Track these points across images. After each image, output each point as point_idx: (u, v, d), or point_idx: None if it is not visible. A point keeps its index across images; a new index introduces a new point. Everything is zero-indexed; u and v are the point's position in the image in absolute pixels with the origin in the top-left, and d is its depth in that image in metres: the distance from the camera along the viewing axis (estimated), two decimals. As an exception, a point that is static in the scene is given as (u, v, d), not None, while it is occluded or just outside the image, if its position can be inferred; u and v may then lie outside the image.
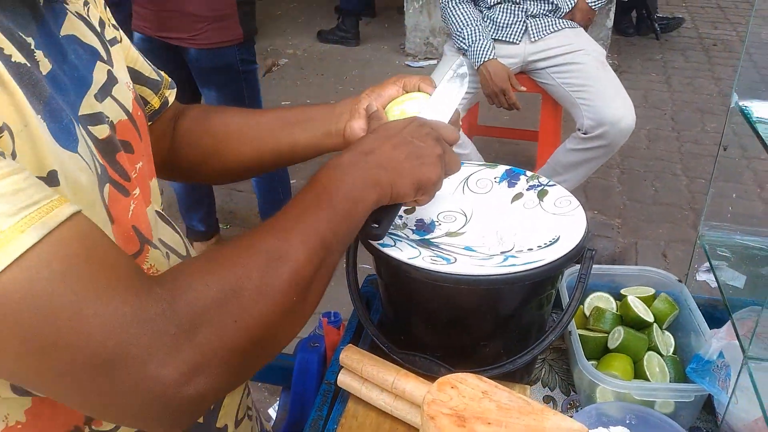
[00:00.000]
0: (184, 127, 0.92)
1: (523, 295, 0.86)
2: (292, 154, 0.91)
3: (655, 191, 3.07)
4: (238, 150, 0.91)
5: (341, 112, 0.89)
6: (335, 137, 0.89)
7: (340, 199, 0.64)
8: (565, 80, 2.46)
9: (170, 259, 0.72)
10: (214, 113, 0.95)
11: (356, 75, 4.48)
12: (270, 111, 0.95)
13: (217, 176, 0.98)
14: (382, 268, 0.91)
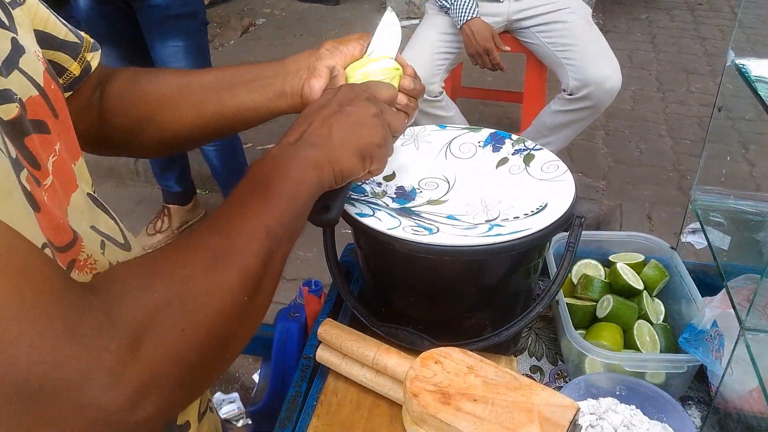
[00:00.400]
0: (113, 93, 0.81)
1: (509, 265, 0.82)
2: (238, 119, 0.82)
3: (640, 153, 3.04)
4: (177, 116, 0.81)
5: (296, 68, 0.81)
6: (291, 97, 0.80)
7: (279, 185, 0.59)
8: (550, 39, 2.39)
9: (106, 248, 0.66)
10: (147, 75, 0.84)
11: (336, 35, 4.32)
12: (212, 70, 0.85)
13: (154, 148, 0.87)
14: (361, 238, 0.86)
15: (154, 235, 2.56)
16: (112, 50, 2.11)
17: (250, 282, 0.52)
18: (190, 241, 0.52)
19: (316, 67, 0.80)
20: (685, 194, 2.76)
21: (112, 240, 0.71)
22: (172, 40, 2.10)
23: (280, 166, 0.61)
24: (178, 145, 0.88)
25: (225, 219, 0.55)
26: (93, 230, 0.67)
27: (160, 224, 2.57)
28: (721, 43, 4.22)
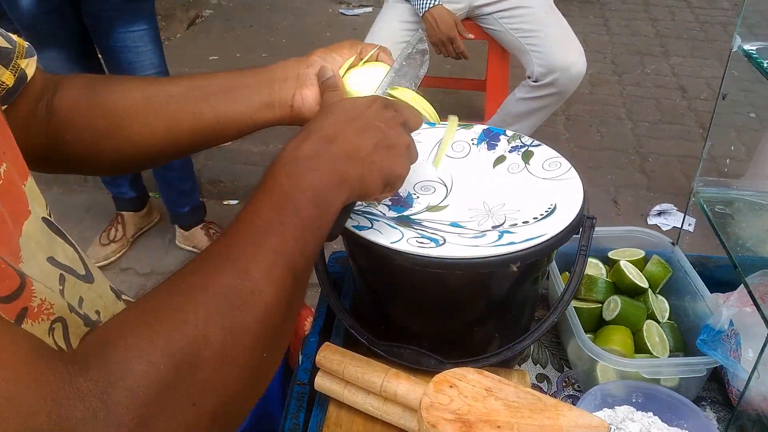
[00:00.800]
0: (65, 105, 0.71)
1: (521, 274, 0.76)
2: (216, 131, 0.72)
3: (601, 137, 3.04)
4: (144, 131, 0.71)
5: (284, 77, 0.73)
6: (279, 108, 0.73)
7: (305, 206, 0.51)
8: (514, 26, 2.34)
9: (66, 284, 0.57)
10: (105, 84, 0.74)
11: (288, 25, 4.23)
12: (182, 78, 0.74)
13: (115, 166, 0.77)
14: (357, 253, 0.79)
15: (108, 245, 2.40)
16: (59, 53, 1.93)
17: (271, 335, 0.44)
18: (195, 282, 0.43)
19: (308, 76, 0.73)
20: (648, 176, 2.78)
21: (72, 272, 0.62)
22: (137, 23, 1.92)
23: (312, 178, 0.53)
24: (144, 163, 0.78)
25: (240, 249, 0.46)
26: (50, 263, 0.58)
27: (113, 233, 2.42)
28: (671, 23, 4.27)
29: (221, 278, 0.44)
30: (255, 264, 0.45)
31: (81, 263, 0.65)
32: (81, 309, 0.62)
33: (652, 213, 2.56)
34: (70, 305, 0.58)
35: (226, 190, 2.74)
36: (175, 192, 2.33)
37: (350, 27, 4.17)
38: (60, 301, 0.56)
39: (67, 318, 0.57)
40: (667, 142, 3.00)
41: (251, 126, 0.73)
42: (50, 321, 0.54)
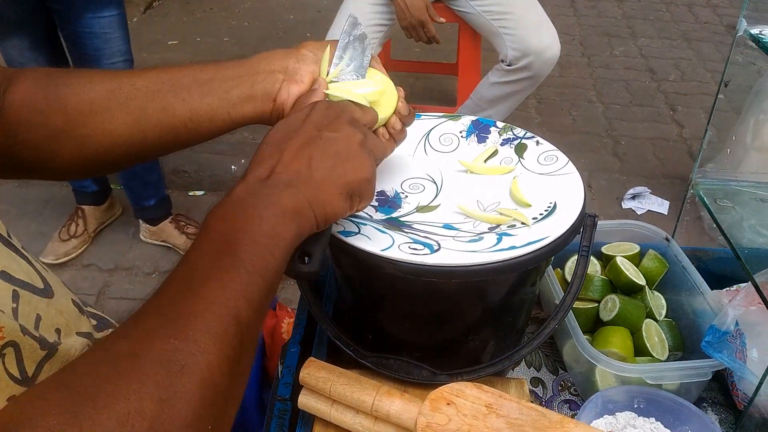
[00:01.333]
0: (18, 101, 0.63)
1: (520, 279, 0.71)
2: (189, 129, 0.64)
3: (573, 120, 3.02)
4: (107, 128, 0.63)
5: (270, 69, 0.65)
6: (261, 101, 0.64)
7: (248, 248, 0.45)
8: (485, 7, 2.28)
9: (21, 301, 0.50)
10: (63, 77, 0.65)
11: (249, 8, 4.10)
12: (150, 70, 0.65)
13: (76, 168, 0.68)
14: (343, 260, 0.73)
15: (68, 241, 2.27)
16: (23, 41, 1.81)
17: (217, 399, 0.38)
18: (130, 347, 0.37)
19: (298, 71, 0.65)
20: (621, 159, 2.77)
21: (27, 287, 0.55)
22: (107, 8, 1.81)
23: (250, 220, 0.47)
24: (105, 166, 0.70)
25: (177, 307, 0.40)
26: (2, 278, 0.51)
27: (74, 228, 2.29)
28: (637, 4, 4.27)
29: (153, 341, 0.38)
30: (192, 318, 0.40)
31: (38, 276, 0.58)
32: (37, 330, 0.55)
33: (627, 196, 2.54)
34: (23, 327, 0.52)
35: (191, 180, 2.63)
36: (140, 184, 2.21)
37: (314, 9, 4.06)
38: (10, 323, 0.50)
39: (19, 341, 0.51)
40: (639, 124, 2.99)
41: (228, 122, 0.65)
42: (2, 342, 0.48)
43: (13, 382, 0.50)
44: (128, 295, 2.15)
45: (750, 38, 0.74)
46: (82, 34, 1.83)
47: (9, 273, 0.53)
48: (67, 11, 1.80)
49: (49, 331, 0.57)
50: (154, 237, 2.33)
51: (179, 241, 2.28)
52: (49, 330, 0.57)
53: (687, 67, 3.50)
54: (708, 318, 0.83)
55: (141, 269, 2.25)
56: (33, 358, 0.53)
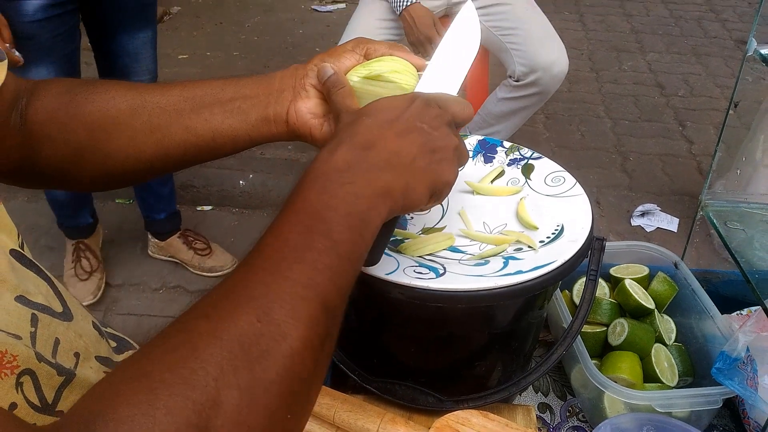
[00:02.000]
0: (41, 115, 0.63)
1: (527, 303, 0.70)
2: (211, 147, 0.64)
3: (582, 136, 3.00)
4: (130, 145, 0.63)
5: (281, 88, 0.64)
6: (275, 124, 0.64)
7: (339, 227, 0.43)
8: (494, 23, 2.28)
9: (39, 326, 0.50)
10: (85, 91, 0.65)
11: (259, 22, 4.12)
12: (173, 86, 0.65)
13: (97, 182, 0.68)
14: (348, 283, 0.72)
15: (89, 278, 2.18)
16: (50, 66, 1.73)
17: (298, 390, 0.37)
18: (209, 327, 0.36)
19: (303, 87, 0.64)
20: (630, 176, 2.75)
21: (47, 311, 0.54)
22: (144, 29, 1.80)
23: (347, 198, 0.45)
24: (129, 179, 0.69)
25: (262, 282, 0.38)
26: (21, 302, 0.51)
27: (87, 263, 2.20)
28: (646, 18, 4.27)
29: (236, 322, 0.36)
30: (278, 301, 0.38)
31: (57, 300, 0.57)
32: (54, 356, 0.54)
33: (636, 213, 2.52)
34: (39, 354, 0.51)
35: (199, 195, 2.64)
36: (153, 197, 2.20)
37: (323, 23, 4.08)
38: (25, 351, 0.49)
39: (35, 369, 0.50)
40: (648, 140, 2.97)
41: (248, 142, 0.64)
42: (16, 375, 0.47)
43: (33, 410, 0.49)
44: (135, 311, 2.14)
45: (760, 58, 0.73)
46: (114, 52, 1.82)
47: (27, 297, 0.53)
48: (105, 30, 1.79)
49: (67, 355, 0.57)
50: (162, 252, 2.32)
51: (187, 256, 2.27)
52: (67, 354, 0.57)
53: (696, 83, 3.48)
54: (718, 343, 0.82)
55: (148, 285, 2.25)
56: (51, 384, 0.52)
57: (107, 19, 1.77)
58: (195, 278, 2.26)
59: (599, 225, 2.49)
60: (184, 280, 2.26)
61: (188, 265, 2.28)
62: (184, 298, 2.20)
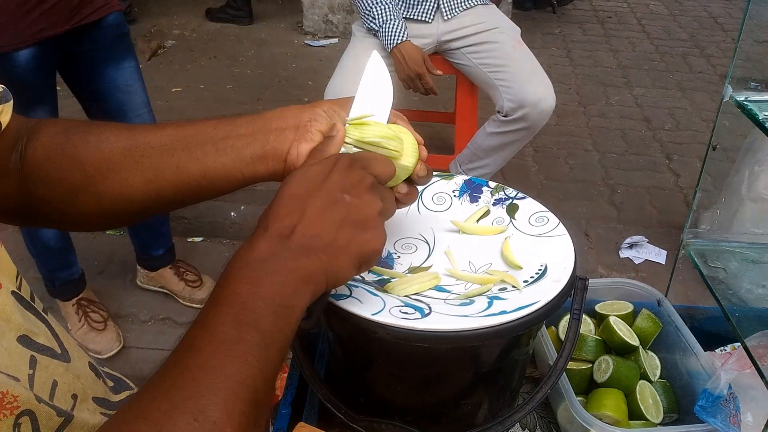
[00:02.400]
0: (39, 155, 0.64)
1: (512, 342, 0.71)
2: (203, 187, 0.64)
3: (570, 169, 3.05)
4: (123, 186, 0.64)
5: (282, 127, 0.64)
6: (272, 162, 0.64)
7: (266, 317, 0.45)
8: (482, 60, 2.33)
9: (38, 368, 0.50)
10: (81, 132, 0.65)
11: (252, 56, 4.18)
12: (165, 126, 0.66)
13: (92, 222, 0.69)
14: (335, 322, 0.73)
15: (104, 328, 2.12)
16: (45, 110, 1.74)
17: None
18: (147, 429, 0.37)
19: (309, 129, 0.64)
20: (618, 208, 2.78)
21: (47, 352, 0.55)
22: (127, 60, 1.81)
23: (273, 288, 0.47)
24: (125, 218, 0.70)
25: (197, 378, 0.40)
26: (22, 343, 0.52)
27: (96, 315, 2.14)
28: (633, 54, 4.36)
29: (175, 423, 0.38)
30: (213, 399, 0.40)
31: (56, 341, 0.58)
32: (53, 398, 0.55)
33: (624, 246, 2.55)
34: (37, 397, 0.52)
35: (190, 227, 2.64)
36: (152, 235, 2.18)
37: (316, 58, 4.14)
38: (25, 393, 0.49)
39: (35, 410, 0.51)
40: (635, 173, 3.02)
41: (241, 180, 0.64)
42: (15, 416, 0.48)
43: None
44: (125, 343, 2.13)
45: (736, 104, 0.75)
46: (105, 90, 1.81)
47: (30, 337, 0.53)
48: (86, 70, 1.79)
49: (65, 397, 0.57)
50: (152, 282, 2.31)
51: (178, 287, 2.26)
52: (65, 397, 0.57)
53: (682, 116, 3.55)
54: (702, 379, 0.83)
55: (137, 317, 2.24)
56: (50, 425, 0.53)
57: (91, 56, 1.77)
58: (184, 310, 2.25)
59: (588, 257, 2.51)
60: (173, 312, 2.25)
61: (178, 296, 2.27)
62: (174, 330, 2.19)
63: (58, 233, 1.99)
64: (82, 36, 1.71)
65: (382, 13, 2.22)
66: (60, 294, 2.14)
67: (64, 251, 2.06)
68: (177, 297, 2.28)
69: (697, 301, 2.17)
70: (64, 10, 1.63)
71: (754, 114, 0.71)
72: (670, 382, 0.90)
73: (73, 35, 1.69)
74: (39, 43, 1.61)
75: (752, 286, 0.83)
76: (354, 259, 0.53)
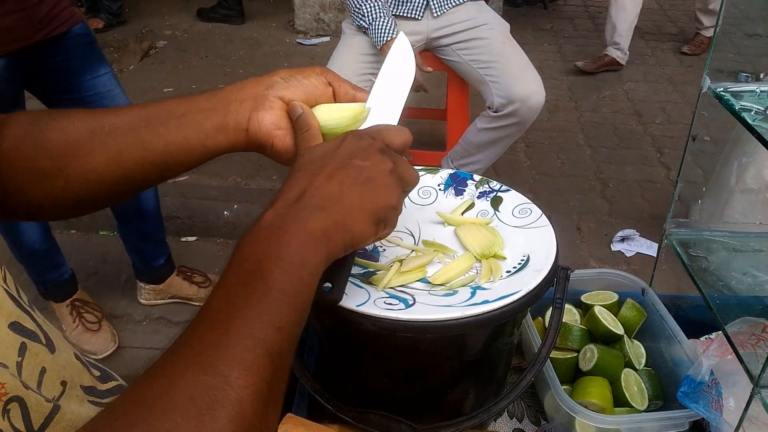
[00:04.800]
0: (8, 147, 0.64)
1: (496, 332, 0.72)
2: (168, 163, 0.65)
3: (562, 164, 3.06)
4: (90, 167, 0.64)
5: (241, 98, 0.65)
6: (234, 132, 0.65)
7: (277, 274, 0.46)
8: (472, 57, 2.34)
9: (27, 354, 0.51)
10: (48, 120, 0.66)
11: (244, 55, 4.18)
12: (130, 108, 0.66)
13: (65, 208, 0.68)
14: (322, 314, 0.74)
15: (99, 329, 2.12)
16: None
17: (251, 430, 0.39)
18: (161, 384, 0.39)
19: (266, 97, 0.65)
20: (609, 202, 2.80)
21: (36, 339, 0.55)
22: (102, 67, 1.82)
23: (280, 244, 0.48)
24: (96, 203, 0.70)
25: (206, 337, 0.41)
26: (13, 330, 0.53)
27: (90, 316, 2.13)
28: (623, 50, 4.37)
29: (185, 378, 0.39)
30: (222, 353, 0.40)
31: (41, 332, 0.59)
32: (40, 386, 0.56)
33: (615, 239, 2.56)
34: (24, 384, 0.53)
35: (183, 226, 2.65)
36: (152, 244, 2.16)
37: (308, 57, 4.15)
38: (12, 380, 0.50)
39: (24, 396, 0.52)
40: (626, 167, 3.03)
41: (205, 152, 0.65)
42: (3, 402, 0.49)
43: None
44: (120, 343, 2.13)
45: (714, 96, 0.77)
46: (88, 99, 1.81)
47: (21, 323, 0.54)
48: (64, 81, 1.79)
49: (53, 384, 0.58)
50: (160, 296, 2.26)
51: (190, 291, 2.24)
52: (53, 384, 0.58)
53: (673, 110, 3.56)
54: (686, 367, 0.84)
55: (132, 317, 2.25)
56: (40, 412, 0.54)
57: (66, 67, 1.77)
58: (178, 309, 2.26)
59: (580, 250, 2.53)
60: (168, 312, 2.26)
61: (193, 300, 2.24)
62: (168, 329, 2.20)
63: (42, 236, 1.97)
64: (53, 48, 1.72)
65: (371, 10, 2.23)
66: (52, 296, 2.15)
67: (50, 253, 2.04)
68: (192, 301, 2.25)
69: (687, 290, 2.19)
70: (28, 26, 1.63)
71: (731, 105, 0.72)
72: (655, 369, 0.92)
73: (43, 48, 1.70)
74: (4, 56, 1.62)
75: (734, 275, 0.85)
76: (369, 216, 0.54)
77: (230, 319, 0.42)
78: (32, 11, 1.62)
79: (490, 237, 0.77)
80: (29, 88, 1.79)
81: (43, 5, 1.65)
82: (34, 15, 1.63)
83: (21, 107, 1.77)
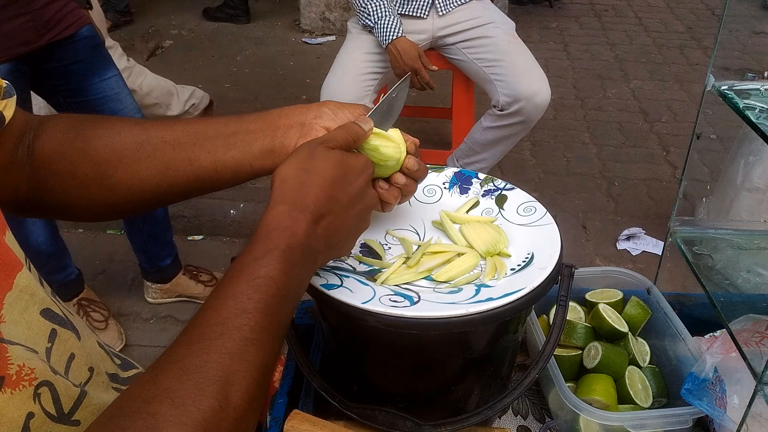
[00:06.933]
0: (48, 148, 0.66)
1: (500, 329, 0.73)
2: (213, 179, 0.67)
3: (567, 162, 3.06)
4: (135, 178, 0.67)
5: (288, 124, 0.68)
6: (279, 156, 0.67)
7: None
8: (477, 55, 2.34)
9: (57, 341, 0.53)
10: (92, 127, 0.68)
11: (250, 54, 4.19)
12: (177, 123, 0.70)
13: (100, 212, 0.71)
14: (327, 312, 0.74)
15: (106, 326, 2.13)
16: None
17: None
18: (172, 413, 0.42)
19: (313, 126, 0.68)
20: (615, 201, 2.80)
21: (66, 325, 0.57)
22: (109, 69, 1.83)
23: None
24: (135, 209, 0.72)
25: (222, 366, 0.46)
26: (45, 316, 0.54)
27: (97, 315, 2.14)
28: (629, 47, 4.36)
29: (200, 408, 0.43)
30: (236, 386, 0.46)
31: (67, 319, 0.60)
32: (68, 372, 0.57)
33: (621, 237, 2.56)
34: (53, 369, 0.54)
35: (190, 225, 2.66)
36: (159, 244, 2.16)
37: (313, 55, 4.16)
38: (41, 365, 0.52)
39: (53, 381, 0.53)
40: (632, 165, 3.03)
41: (250, 173, 0.68)
42: (34, 386, 0.50)
43: (50, 420, 0.52)
44: (127, 341, 2.15)
45: (718, 94, 0.77)
46: (96, 102, 1.81)
47: (52, 310, 0.56)
48: (75, 83, 1.79)
49: (81, 370, 0.59)
50: (168, 294, 2.27)
51: (197, 290, 2.25)
52: (81, 369, 0.59)
53: (679, 109, 3.56)
54: (690, 364, 0.84)
55: (140, 315, 2.26)
56: (69, 395, 0.55)
57: (73, 70, 1.77)
58: (186, 307, 2.27)
59: (585, 249, 2.53)
60: (174, 310, 2.27)
61: (200, 298, 2.24)
62: (176, 327, 2.21)
63: (49, 238, 1.98)
64: (59, 51, 1.72)
65: (377, 9, 2.23)
66: (58, 295, 2.13)
67: (57, 255, 2.05)
68: (198, 300, 2.26)
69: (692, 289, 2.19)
70: (34, 30, 1.62)
71: (735, 103, 0.73)
72: (659, 367, 0.92)
73: (49, 52, 1.69)
74: (11, 59, 1.61)
75: (738, 272, 0.85)
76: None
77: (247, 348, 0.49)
78: (38, 15, 1.62)
79: (495, 235, 0.77)
80: (36, 90, 1.79)
81: (49, 8, 1.64)
82: (40, 18, 1.63)
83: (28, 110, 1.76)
